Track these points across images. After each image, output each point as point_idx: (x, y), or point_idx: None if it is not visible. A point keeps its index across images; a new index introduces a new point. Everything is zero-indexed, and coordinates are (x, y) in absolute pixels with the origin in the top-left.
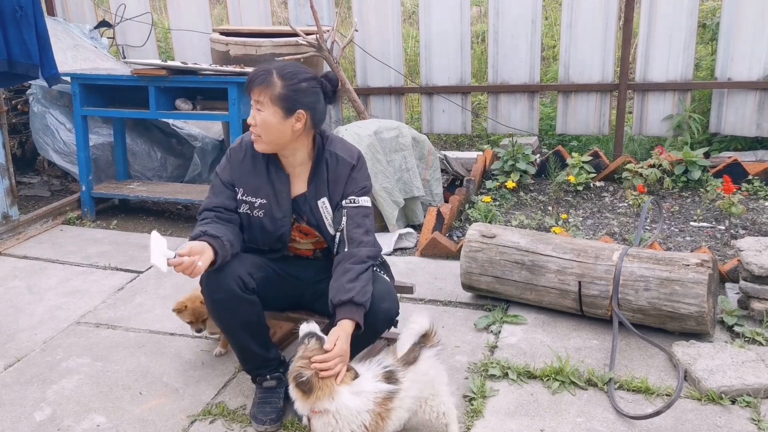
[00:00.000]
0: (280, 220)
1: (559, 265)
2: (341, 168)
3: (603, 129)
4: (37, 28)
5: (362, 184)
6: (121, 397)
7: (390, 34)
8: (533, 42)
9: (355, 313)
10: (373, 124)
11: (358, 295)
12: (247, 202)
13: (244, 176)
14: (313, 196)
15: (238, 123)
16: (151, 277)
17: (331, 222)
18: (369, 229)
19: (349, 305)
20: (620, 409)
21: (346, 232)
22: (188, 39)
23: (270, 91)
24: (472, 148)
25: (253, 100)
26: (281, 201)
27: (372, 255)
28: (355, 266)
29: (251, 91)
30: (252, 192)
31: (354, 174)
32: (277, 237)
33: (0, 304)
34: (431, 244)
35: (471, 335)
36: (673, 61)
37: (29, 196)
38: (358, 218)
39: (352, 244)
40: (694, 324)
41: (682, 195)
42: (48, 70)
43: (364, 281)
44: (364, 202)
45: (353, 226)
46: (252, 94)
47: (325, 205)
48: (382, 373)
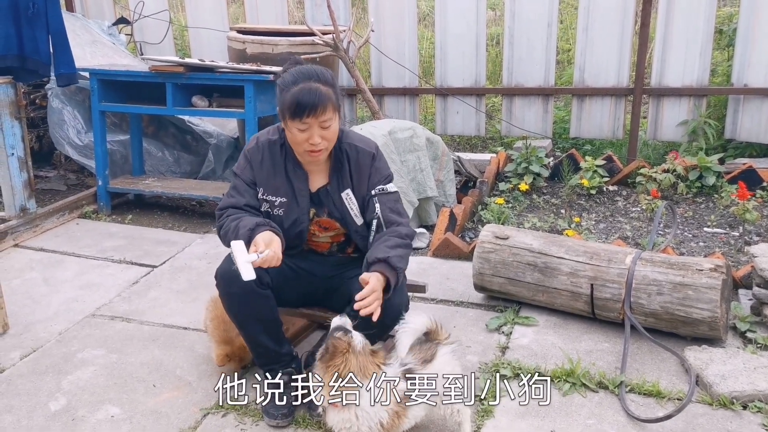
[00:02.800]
0: (300, 218)
1: (571, 268)
2: (362, 158)
3: (617, 133)
4: (50, 27)
5: (386, 173)
6: (135, 389)
7: (405, 34)
8: (548, 45)
9: (388, 270)
10: (387, 124)
11: (395, 259)
12: (268, 201)
13: (264, 176)
14: (336, 189)
15: (254, 120)
16: (165, 272)
17: (357, 212)
18: (402, 212)
19: (384, 264)
20: (631, 412)
21: (382, 216)
22: (205, 37)
23: (332, 102)
24: (485, 150)
25: (319, 121)
26: (300, 199)
27: (410, 234)
28: (393, 238)
29: (318, 114)
30: (272, 191)
31: (376, 164)
32: (296, 234)
33: (17, 295)
34: (444, 244)
35: (482, 336)
36: (689, 67)
37: (46, 189)
38: (390, 203)
39: (389, 225)
40: (707, 329)
41: (696, 201)
42: (59, 68)
43: (401, 252)
44: (392, 188)
45: (388, 210)
46: (318, 117)
47: (350, 197)
48: (401, 372)
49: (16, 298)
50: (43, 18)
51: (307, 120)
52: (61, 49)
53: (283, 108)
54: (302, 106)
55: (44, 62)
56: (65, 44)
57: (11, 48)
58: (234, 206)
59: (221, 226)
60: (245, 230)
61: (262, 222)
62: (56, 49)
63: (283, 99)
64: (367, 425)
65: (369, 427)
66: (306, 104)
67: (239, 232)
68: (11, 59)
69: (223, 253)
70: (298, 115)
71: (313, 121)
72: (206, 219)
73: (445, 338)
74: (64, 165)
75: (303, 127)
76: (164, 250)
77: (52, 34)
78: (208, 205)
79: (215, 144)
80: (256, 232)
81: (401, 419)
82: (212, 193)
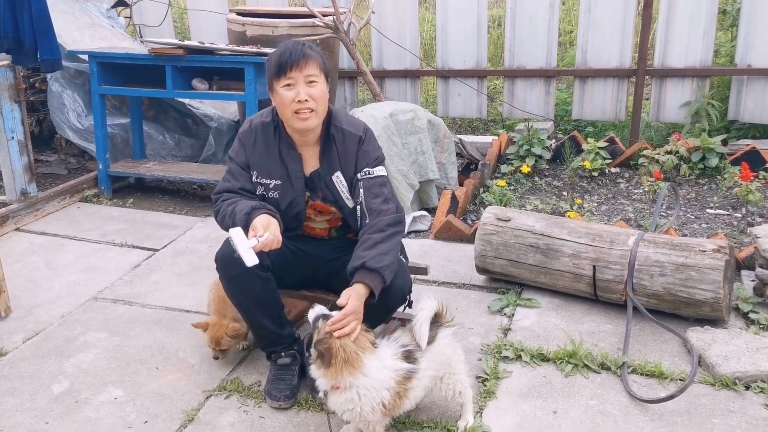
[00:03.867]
0: (295, 200)
1: (573, 249)
2: (349, 142)
3: (619, 115)
4: (33, 11)
5: (374, 156)
6: (138, 372)
7: (406, 16)
8: (551, 26)
9: (367, 276)
10: (388, 106)
11: (371, 261)
12: (263, 184)
13: (257, 159)
14: (327, 171)
15: (255, 103)
16: (167, 255)
17: (348, 195)
18: (387, 197)
19: (362, 270)
20: (633, 393)
21: (364, 204)
22: (204, 19)
23: (317, 61)
24: (486, 132)
25: (304, 75)
26: (295, 181)
27: (392, 222)
28: (372, 235)
29: (301, 67)
30: (266, 174)
31: (363, 147)
32: (292, 216)
33: (18, 279)
34: (445, 227)
35: (484, 317)
36: (692, 47)
37: (46, 173)
38: (374, 188)
39: (372, 215)
40: (709, 310)
41: (699, 182)
42: (42, 54)
43: (380, 249)
44: (378, 171)
45: (371, 197)
46: (302, 71)
47: (340, 179)
48: (401, 352)
49: (17, 281)
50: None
51: (291, 75)
52: (44, 34)
53: (270, 74)
54: (285, 60)
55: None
56: (48, 29)
57: (8, 31)
58: (229, 190)
59: (217, 211)
60: (242, 215)
61: (258, 205)
62: (39, 35)
63: (269, 65)
64: (369, 406)
65: (372, 408)
66: (289, 57)
67: (236, 218)
68: (8, 42)
69: (224, 236)
70: (283, 71)
71: (298, 74)
72: (207, 202)
73: (448, 321)
74: (64, 149)
75: (288, 82)
76: (165, 233)
77: (35, 19)
78: (209, 189)
79: (216, 127)
80: (252, 216)
81: (402, 400)
82: (213, 177)
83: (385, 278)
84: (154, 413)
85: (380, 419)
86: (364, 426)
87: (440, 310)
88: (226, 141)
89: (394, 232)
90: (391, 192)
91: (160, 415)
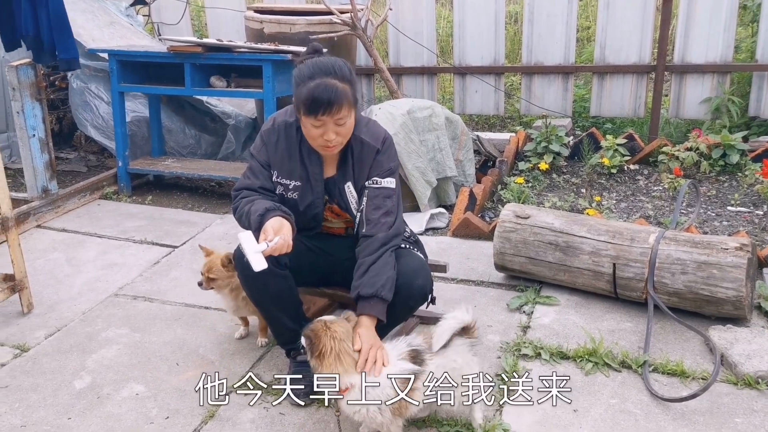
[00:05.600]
0: (314, 202)
1: (593, 247)
2: (366, 153)
3: (638, 111)
4: (49, 9)
5: (387, 167)
6: (159, 368)
7: (423, 13)
8: (569, 22)
9: (366, 306)
10: (406, 103)
11: (364, 288)
12: (282, 184)
13: (278, 158)
14: (341, 180)
15: (273, 100)
16: (186, 252)
17: (356, 206)
18: (390, 210)
19: (360, 301)
20: (655, 392)
21: (364, 213)
22: (222, 17)
23: (348, 100)
24: (503, 129)
25: (334, 120)
26: (314, 183)
27: (386, 240)
28: (365, 259)
29: (332, 114)
30: (286, 174)
31: (378, 157)
32: (311, 217)
33: (40, 275)
34: (463, 224)
35: (503, 315)
36: (712, 43)
37: (66, 171)
38: (378, 200)
39: (368, 225)
40: (732, 308)
41: (719, 179)
42: (60, 53)
43: (372, 272)
44: (387, 183)
45: (372, 207)
46: (332, 116)
47: (350, 190)
48: (407, 352)
49: (39, 278)
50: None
51: (321, 118)
52: (61, 33)
53: (299, 102)
54: (317, 103)
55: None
56: (65, 28)
57: (28, 29)
58: (249, 188)
59: (236, 208)
60: (255, 216)
61: (272, 207)
62: (56, 33)
63: (299, 93)
64: (374, 405)
65: (377, 407)
66: (321, 102)
67: (250, 218)
68: (29, 40)
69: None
70: (313, 113)
71: (328, 119)
72: (225, 200)
73: (473, 338)
74: (84, 146)
75: (318, 123)
76: (184, 230)
77: (51, 18)
78: (227, 186)
79: (234, 125)
80: (265, 218)
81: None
82: (231, 174)
83: (384, 298)
84: (175, 409)
85: (391, 419)
86: (378, 426)
87: (470, 326)
88: (245, 138)
89: (386, 251)
90: (396, 205)
91: (181, 411)
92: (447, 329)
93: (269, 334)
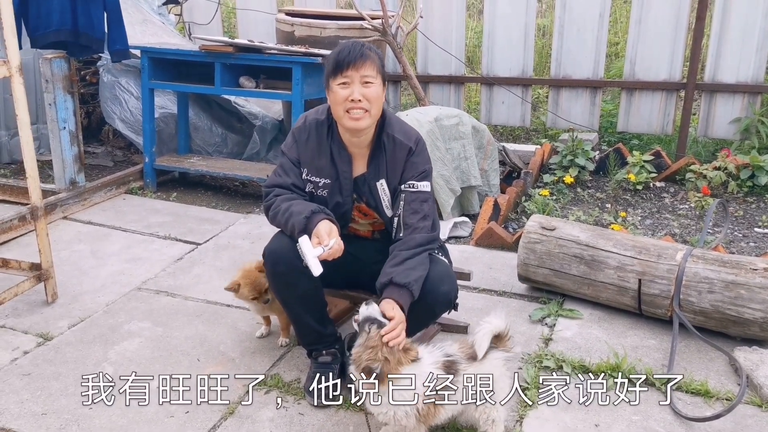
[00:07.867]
0: (343, 200)
1: (619, 262)
2: (399, 151)
3: (666, 128)
4: (107, 4)
5: (422, 169)
6: (180, 362)
7: (453, 21)
8: (599, 36)
9: (395, 292)
10: (433, 110)
11: (398, 276)
12: (312, 182)
13: (308, 156)
14: (372, 177)
15: (301, 103)
16: (209, 249)
17: (388, 204)
18: (427, 214)
19: (390, 286)
20: (679, 410)
21: (402, 217)
22: (253, 18)
23: (375, 62)
24: (528, 141)
25: (360, 75)
26: (344, 181)
27: (424, 242)
28: (402, 252)
29: (358, 66)
30: (316, 172)
31: (412, 158)
32: (339, 215)
33: (65, 266)
34: (487, 233)
35: (525, 326)
36: (744, 63)
37: (93, 165)
38: (415, 204)
39: (407, 230)
40: (758, 330)
41: (747, 200)
42: (113, 44)
43: (408, 264)
44: (423, 187)
45: (410, 212)
46: (358, 70)
47: (383, 187)
48: (442, 362)
49: (64, 268)
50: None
51: (347, 73)
52: (116, 26)
53: (327, 71)
54: (343, 57)
55: (98, 38)
56: (120, 21)
57: (65, 23)
58: (281, 185)
59: (270, 205)
60: (300, 217)
61: (317, 209)
62: (111, 26)
63: (327, 63)
64: (403, 411)
65: (406, 412)
66: (347, 56)
67: (293, 219)
68: (65, 34)
69: (266, 232)
70: (340, 68)
71: (354, 73)
72: (249, 199)
73: (506, 347)
74: (111, 141)
75: (344, 80)
76: (208, 228)
77: (108, 11)
78: (251, 186)
79: (260, 126)
80: (312, 221)
81: (438, 408)
82: (256, 174)
83: (413, 293)
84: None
85: (415, 425)
86: (400, 430)
87: (503, 333)
88: (270, 139)
89: (424, 250)
90: (432, 208)
91: (200, 407)
92: (486, 333)
93: (291, 334)
